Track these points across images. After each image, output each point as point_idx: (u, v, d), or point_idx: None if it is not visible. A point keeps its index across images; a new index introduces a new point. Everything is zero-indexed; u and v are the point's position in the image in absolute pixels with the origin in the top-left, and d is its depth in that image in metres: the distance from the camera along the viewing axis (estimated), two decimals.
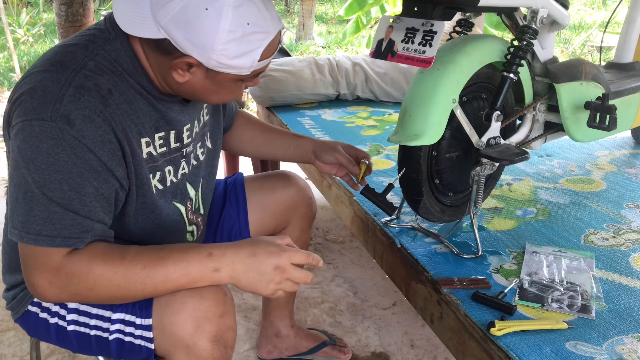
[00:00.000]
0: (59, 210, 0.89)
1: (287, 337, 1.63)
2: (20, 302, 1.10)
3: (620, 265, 1.29)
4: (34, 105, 0.89)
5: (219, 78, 0.96)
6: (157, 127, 1.03)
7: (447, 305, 1.15)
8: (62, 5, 2.99)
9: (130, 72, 0.97)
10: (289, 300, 1.60)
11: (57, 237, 0.89)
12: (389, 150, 2.00)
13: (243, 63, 0.93)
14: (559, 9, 1.34)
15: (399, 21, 1.20)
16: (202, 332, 0.95)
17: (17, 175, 0.90)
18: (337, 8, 10.31)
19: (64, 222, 0.90)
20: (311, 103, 2.65)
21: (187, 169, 1.13)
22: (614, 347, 1.01)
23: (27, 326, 1.12)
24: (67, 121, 0.88)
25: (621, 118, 1.48)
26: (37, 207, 0.89)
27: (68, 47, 0.97)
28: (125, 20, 0.94)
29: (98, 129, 0.91)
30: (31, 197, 0.89)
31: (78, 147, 0.89)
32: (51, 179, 0.88)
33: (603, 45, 4.19)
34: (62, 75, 0.91)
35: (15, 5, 8.35)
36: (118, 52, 0.97)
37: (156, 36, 0.91)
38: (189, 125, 1.11)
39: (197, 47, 0.90)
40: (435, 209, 1.35)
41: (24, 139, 0.89)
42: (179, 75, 0.95)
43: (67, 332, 1.06)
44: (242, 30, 0.90)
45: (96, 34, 0.98)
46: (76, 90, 0.90)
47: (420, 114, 1.18)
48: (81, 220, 0.91)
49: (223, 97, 1.04)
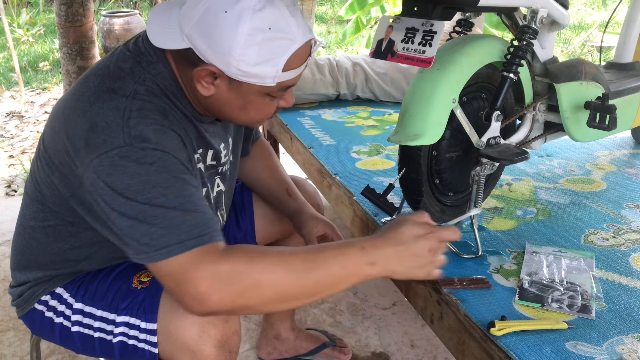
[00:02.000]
0: (179, 214, 0.85)
1: (287, 339, 1.63)
2: (27, 299, 1.10)
3: (620, 265, 1.29)
4: (103, 139, 0.86)
5: (242, 90, 0.93)
6: (198, 145, 1.03)
7: (447, 305, 1.15)
8: (62, 5, 2.99)
9: (175, 94, 0.97)
10: None
11: (188, 239, 0.84)
12: (389, 150, 2.00)
13: (265, 71, 0.89)
14: (558, 9, 1.34)
15: (398, 21, 1.20)
16: (207, 337, 0.94)
17: (119, 207, 0.85)
18: (337, 8, 10.30)
19: (188, 222, 0.85)
20: (311, 103, 2.65)
21: (223, 186, 1.14)
22: (614, 347, 1.01)
23: (32, 324, 1.12)
24: (143, 139, 0.86)
25: (621, 118, 1.47)
26: (155, 221, 0.84)
27: (113, 72, 0.94)
28: (156, 34, 0.93)
29: (172, 139, 0.90)
30: (144, 216, 0.84)
31: (164, 157, 0.87)
32: (154, 194, 0.85)
33: (603, 45, 4.19)
34: (120, 102, 0.89)
35: (15, 5, 8.35)
36: (163, 76, 0.96)
37: (180, 46, 0.90)
38: (223, 144, 1.11)
39: (217, 52, 0.87)
40: (435, 209, 1.35)
41: (108, 172, 0.85)
42: (203, 87, 0.93)
43: (71, 333, 1.06)
44: (263, 35, 0.86)
45: (138, 58, 0.96)
46: (139, 112, 0.89)
47: (420, 114, 1.18)
48: (203, 217, 0.87)
49: (252, 115, 0.99)
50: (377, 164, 1.88)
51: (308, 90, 2.58)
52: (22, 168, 3.19)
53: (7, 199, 2.80)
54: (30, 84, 5.08)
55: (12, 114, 4.28)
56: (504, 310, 1.11)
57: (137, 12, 5.82)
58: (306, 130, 2.23)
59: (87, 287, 1.08)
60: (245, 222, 1.40)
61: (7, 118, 4.20)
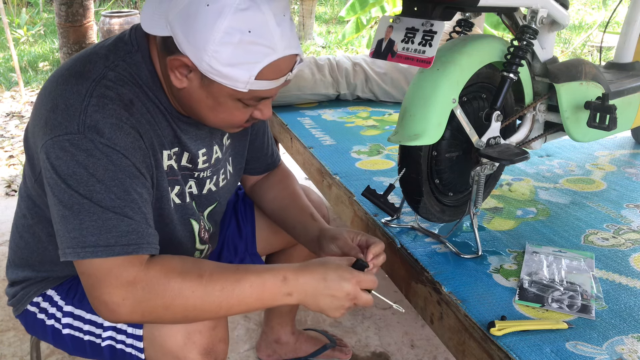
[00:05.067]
0: (113, 217, 0.85)
1: (288, 343, 1.63)
2: (21, 300, 1.10)
3: (620, 265, 1.29)
4: (59, 121, 0.86)
5: (213, 89, 0.90)
6: (172, 143, 1.00)
7: (447, 305, 1.15)
8: (62, 5, 2.99)
9: (150, 86, 0.95)
10: (292, 309, 1.60)
11: (116, 245, 0.84)
12: (389, 150, 2.00)
13: (237, 75, 0.86)
14: (558, 9, 1.34)
15: (398, 21, 1.20)
16: (192, 345, 0.94)
17: (59, 193, 0.85)
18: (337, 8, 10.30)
19: (120, 228, 0.85)
20: (311, 103, 2.65)
21: (196, 189, 1.10)
22: (614, 347, 1.01)
23: (26, 324, 1.13)
24: (96, 131, 0.85)
25: (621, 118, 1.47)
26: (89, 218, 0.84)
27: (88, 56, 0.94)
28: (146, 20, 0.92)
29: (128, 136, 0.88)
30: (79, 209, 0.84)
31: (113, 154, 0.86)
32: (96, 189, 0.84)
33: (603, 45, 4.19)
34: (83, 87, 0.88)
35: (15, 5, 8.34)
36: (138, 66, 0.94)
37: (163, 33, 0.89)
38: (204, 150, 1.07)
39: (192, 44, 0.85)
40: (435, 209, 1.35)
41: (56, 156, 0.85)
42: (176, 78, 0.91)
43: (62, 335, 1.06)
44: (240, 36, 0.83)
45: (118, 45, 0.95)
46: (99, 99, 0.87)
47: (420, 114, 1.18)
48: (136, 226, 0.86)
49: (221, 117, 0.96)
50: (377, 164, 1.88)
51: (308, 90, 2.58)
52: (22, 168, 3.19)
53: (7, 199, 2.80)
54: (30, 84, 5.08)
55: (12, 114, 4.28)
56: (504, 310, 1.11)
57: (137, 12, 5.81)
58: (306, 130, 2.23)
59: (76, 290, 1.07)
60: (246, 229, 1.38)
61: (7, 118, 4.20)
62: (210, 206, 1.17)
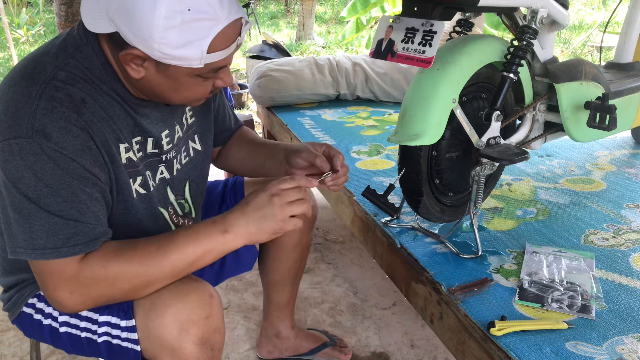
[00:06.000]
0: (59, 221, 0.88)
1: (288, 338, 1.63)
2: (15, 303, 1.10)
3: (620, 265, 1.29)
4: (9, 124, 0.87)
5: (170, 72, 0.91)
6: (133, 133, 1.01)
7: (447, 305, 1.15)
8: (62, 5, 2.99)
9: (103, 79, 0.95)
10: (290, 302, 1.60)
11: (63, 247, 0.88)
12: (389, 150, 2.00)
13: (189, 54, 0.87)
14: (558, 9, 1.34)
15: (398, 21, 1.20)
16: (187, 335, 0.94)
17: (8, 196, 0.88)
18: (337, 8, 10.30)
19: (66, 231, 0.89)
20: (311, 103, 2.65)
21: (167, 173, 1.11)
22: (614, 347, 1.01)
23: (23, 327, 1.12)
24: (44, 135, 0.86)
25: (621, 118, 1.48)
26: (37, 222, 0.88)
27: (38, 57, 0.94)
28: (88, 18, 0.91)
29: (76, 138, 0.89)
30: (28, 213, 0.87)
31: (60, 158, 0.87)
32: (43, 194, 0.87)
33: (603, 45, 4.19)
34: (33, 89, 0.89)
35: (15, 5, 8.35)
36: (90, 59, 0.94)
37: (108, 30, 0.89)
38: (167, 131, 1.08)
39: (138, 36, 0.85)
40: (435, 209, 1.35)
41: (5, 159, 0.87)
42: (133, 70, 0.91)
43: (60, 334, 1.06)
44: (182, 17, 0.84)
45: (67, 41, 0.95)
46: (48, 102, 0.88)
47: (420, 114, 1.18)
48: (83, 227, 0.90)
49: (185, 95, 0.98)
50: (377, 164, 1.88)
51: (308, 90, 2.58)
52: None
53: None
54: None
55: None
56: (504, 310, 1.11)
57: None
58: (306, 130, 2.23)
59: None
60: None
61: None
62: (184, 186, 1.18)
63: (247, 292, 2.01)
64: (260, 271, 1.57)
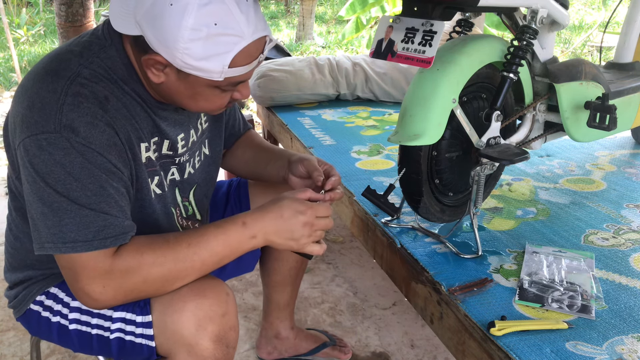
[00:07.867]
0: (90, 214, 0.89)
1: (287, 338, 1.63)
2: (22, 300, 1.10)
3: (620, 265, 1.29)
4: (36, 119, 0.88)
5: (190, 81, 0.93)
6: (152, 133, 1.03)
7: (447, 305, 1.15)
8: (62, 5, 2.99)
9: (126, 80, 0.97)
10: (290, 302, 1.60)
11: (94, 240, 0.89)
12: (389, 150, 2.01)
13: (211, 67, 0.89)
14: (558, 9, 1.34)
15: (398, 21, 1.20)
16: (204, 332, 0.95)
17: (37, 190, 0.89)
18: (337, 8, 10.30)
19: (97, 224, 0.89)
20: (311, 103, 2.65)
21: (178, 175, 1.13)
22: (614, 347, 1.01)
23: (29, 325, 1.12)
24: (72, 130, 0.88)
25: (621, 118, 1.48)
26: (67, 215, 0.88)
27: (63, 54, 0.95)
28: (115, 18, 0.93)
29: (103, 134, 0.91)
30: (58, 207, 0.88)
31: (88, 152, 0.89)
32: (73, 187, 0.88)
33: (603, 45, 4.19)
34: (58, 85, 0.90)
35: (15, 5, 8.35)
36: (113, 60, 0.96)
37: (134, 32, 0.90)
38: (182, 134, 1.10)
39: (162, 44, 0.87)
40: (435, 209, 1.35)
41: (34, 154, 0.88)
42: (153, 75, 0.93)
43: (68, 331, 1.06)
44: (208, 30, 0.85)
45: (92, 41, 0.97)
46: (74, 98, 0.89)
47: (421, 114, 1.18)
48: (113, 220, 0.91)
49: (201, 105, 1.00)
50: (377, 164, 1.88)
51: (308, 90, 2.58)
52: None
53: (7, 199, 2.80)
54: None
55: None
56: (504, 310, 1.11)
57: None
58: (306, 130, 2.23)
59: None
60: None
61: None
62: (191, 190, 1.19)
63: (247, 292, 2.01)
64: (261, 271, 1.57)
